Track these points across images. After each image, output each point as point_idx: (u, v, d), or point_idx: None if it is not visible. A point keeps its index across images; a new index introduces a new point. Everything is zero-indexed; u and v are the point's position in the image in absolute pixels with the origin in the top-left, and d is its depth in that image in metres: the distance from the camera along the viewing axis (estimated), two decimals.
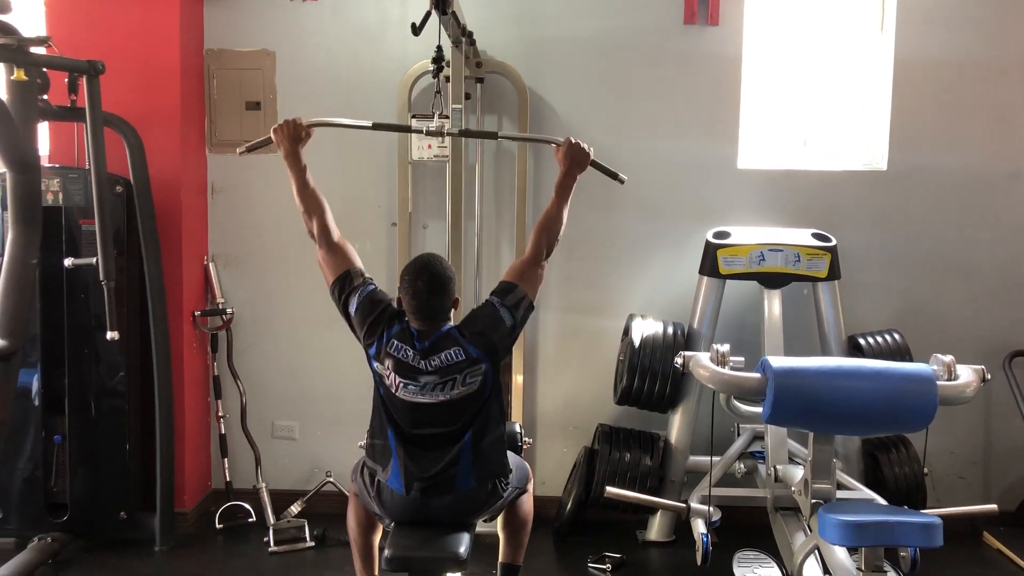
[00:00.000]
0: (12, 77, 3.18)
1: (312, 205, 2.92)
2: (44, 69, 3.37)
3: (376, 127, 3.21)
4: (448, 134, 3.20)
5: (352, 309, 2.81)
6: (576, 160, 2.97)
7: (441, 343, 2.72)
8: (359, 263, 2.90)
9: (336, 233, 2.92)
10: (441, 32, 3.25)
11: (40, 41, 3.27)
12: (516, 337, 2.83)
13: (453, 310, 2.81)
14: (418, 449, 2.75)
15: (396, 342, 2.72)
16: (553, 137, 3.10)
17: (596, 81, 4.15)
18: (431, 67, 3.24)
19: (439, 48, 3.16)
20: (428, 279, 2.73)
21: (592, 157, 3.01)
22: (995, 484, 4.23)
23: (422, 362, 2.70)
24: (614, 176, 3.11)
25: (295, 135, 2.95)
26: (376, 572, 3.01)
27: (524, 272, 2.86)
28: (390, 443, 2.76)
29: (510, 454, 2.99)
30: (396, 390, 2.72)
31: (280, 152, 2.97)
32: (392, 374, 2.72)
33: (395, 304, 2.83)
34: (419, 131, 3.15)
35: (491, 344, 2.74)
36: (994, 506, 3.29)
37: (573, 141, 2.98)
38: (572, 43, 4.13)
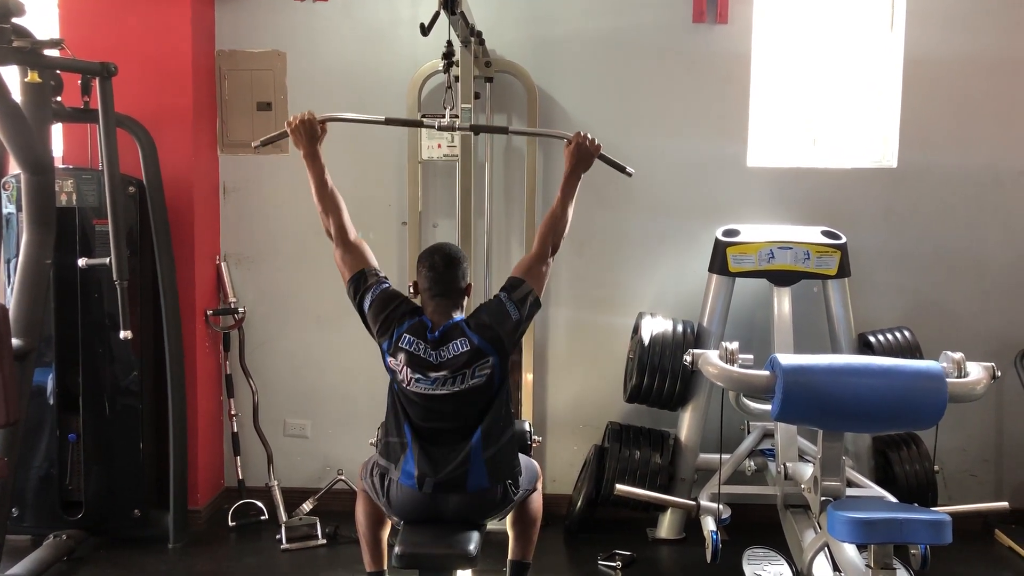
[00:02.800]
0: (26, 79, 3.21)
1: (330, 205, 2.96)
2: (58, 71, 3.40)
3: (389, 122, 3.24)
4: (459, 129, 3.21)
5: (366, 306, 2.85)
6: (582, 158, 2.99)
7: (450, 333, 2.76)
8: (375, 262, 2.94)
9: (353, 232, 2.97)
10: (450, 32, 3.27)
11: (53, 43, 3.30)
12: (522, 332, 2.86)
13: (466, 296, 2.88)
14: (431, 446, 2.77)
15: (408, 336, 2.76)
16: (563, 132, 3.12)
17: (605, 80, 4.16)
18: (441, 66, 3.25)
19: (449, 43, 3.18)
20: (443, 255, 2.85)
21: (600, 152, 3.02)
22: (1007, 481, 4.22)
23: (432, 353, 2.74)
24: (622, 169, 3.11)
25: (312, 133, 2.99)
26: (385, 567, 3.03)
27: (530, 268, 2.89)
28: (407, 438, 2.79)
29: (520, 455, 3.01)
30: (408, 384, 2.76)
31: (300, 152, 3.00)
32: (404, 368, 2.75)
33: (409, 299, 2.87)
34: (431, 126, 3.17)
35: (497, 336, 2.77)
36: (1005, 504, 3.29)
37: (581, 137, 2.99)
38: (581, 42, 4.14)
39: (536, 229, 4.05)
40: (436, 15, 3.08)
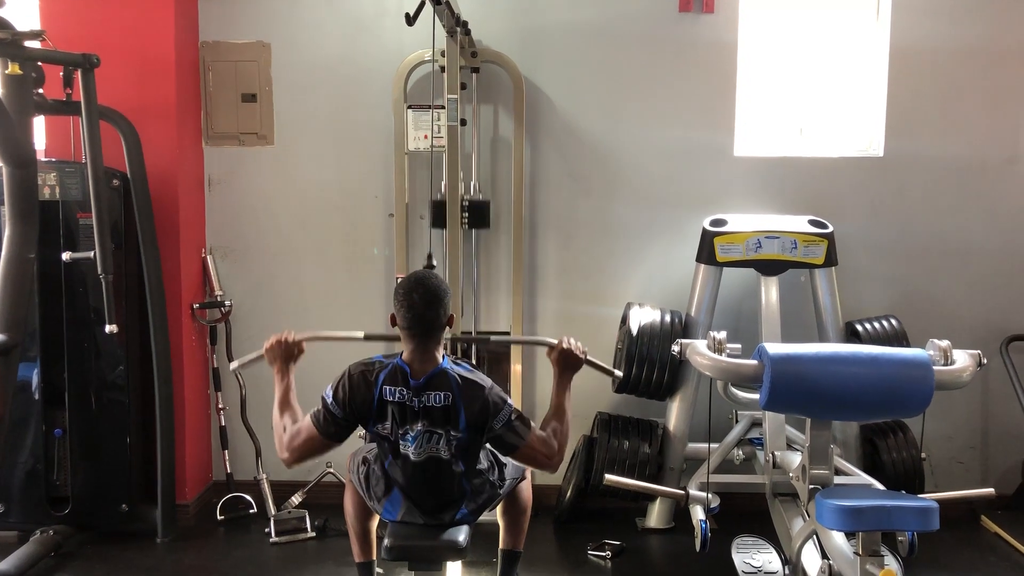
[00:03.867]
0: (7, 71, 3.18)
1: (289, 419, 2.82)
2: (39, 63, 3.37)
3: (368, 338, 3.13)
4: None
5: (338, 415, 2.69)
6: (569, 364, 2.87)
7: (435, 382, 2.66)
8: (309, 417, 2.75)
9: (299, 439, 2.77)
10: (436, 22, 3.25)
11: (35, 35, 3.27)
12: (485, 434, 2.71)
13: (448, 328, 2.76)
14: (417, 494, 2.75)
15: (388, 387, 2.66)
16: (546, 340, 2.98)
17: (592, 69, 4.15)
18: (427, 56, 3.23)
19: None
20: (423, 292, 2.68)
21: (587, 357, 2.90)
22: (993, 468, 4.25)
23: (415, 400, 2.65)
24: (610, 373, 3.11)
25: (288, 354, 2.92)
26: (374, 557, 3.03)
27: (535, 444, 2.73)
28: (392, 487, 2.77)
29: None
30: (396, 442, 2.70)
31: (273, 365, 2.93)
32: (392, 424, 2.67)
33: (356, 372, 2.72)
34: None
35: (481, 427, 2.68)
36: (991, 490, 3.30)
37: (565, 346, 2.86)
38: (567, 32, 4.12)
39: (523, 222, 4.11)
40: (421, 5, 3.06)
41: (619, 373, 3.10)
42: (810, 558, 2.99)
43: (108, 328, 3.42)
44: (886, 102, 4.11)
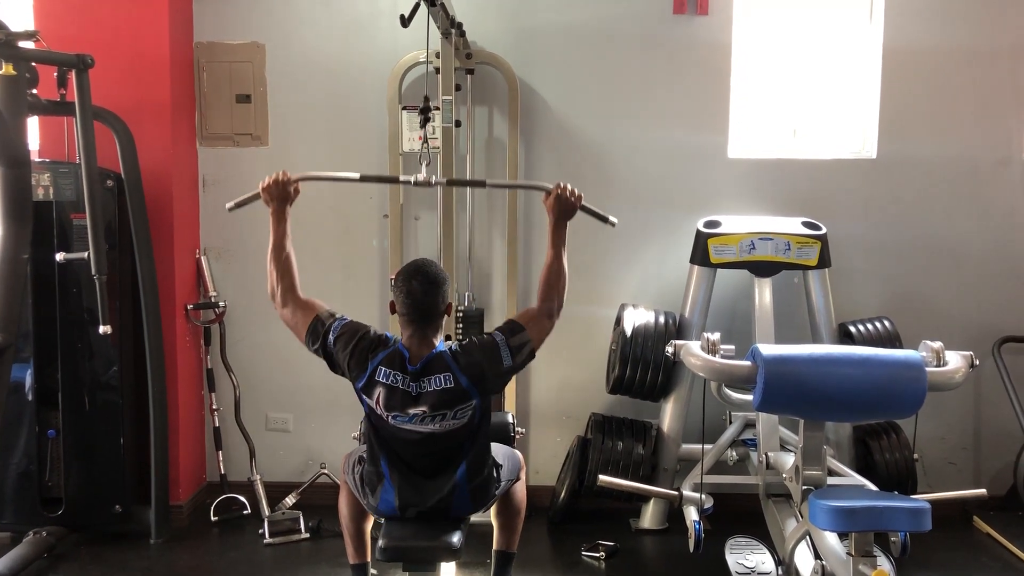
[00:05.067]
0: (0, 72, 3.17)
1: (285, 266, 2.86)
2: (33, 63, 3.36)
3: (364, 179, 3.19)
4: (436, 184, 3.14)
5: (331, 343, 2.74)
6: (564, 209, 2.87)
7: (432, 365, 2.68)
8: (326, 306, 2.84)
9: (302, 292, 2.87)
10: (430, 23, 3.26)
11: (28, 35, 3.26)
12: (509, 380, 2.77)
13: (446, 316, 2.78)
14: (413, 475, 2.75)
15: (384, 368, 2.68)
16: (542, 183, 2.99)
17: (586, 71, 4.15)
18: (422, 58, 3.24)
19: (426, 98, 3.17)
20: (422, 279, 2.72)
21: (582, 203, 2.91)
22: (985, 469, 4.27)
23: (412, 385, 2.66)
24: (604, 219, 3.04)
25: (284, 194, 2.93)
26: (368, 558, 3.02)
27: (534, 320, 2.79)
28: (383, 469, 2.76)
29: (501, 446, 3.01)
30: (385, 419, 2.71)
31: (269, 206, 2.94)
32: (381, 403, 2.69)
33: (373, 331, 2.76)
34: (407, 182, 3.07)
35: (483, 377, 2.69)
36: (983, 491, 3.32)
37: (560, 190, 2.87)
38: (562, 33, 4.13)
39: (518, 221, 4.12)
40: (416, 6, 3.06)
41: (614, 220, 3.01)
42: (803, 559, 3.00)
43: (102, 329, 3.41)
44: (879, 104, 4.12)
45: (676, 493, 3.49)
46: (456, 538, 2.70)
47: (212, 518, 4.08)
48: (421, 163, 3.40)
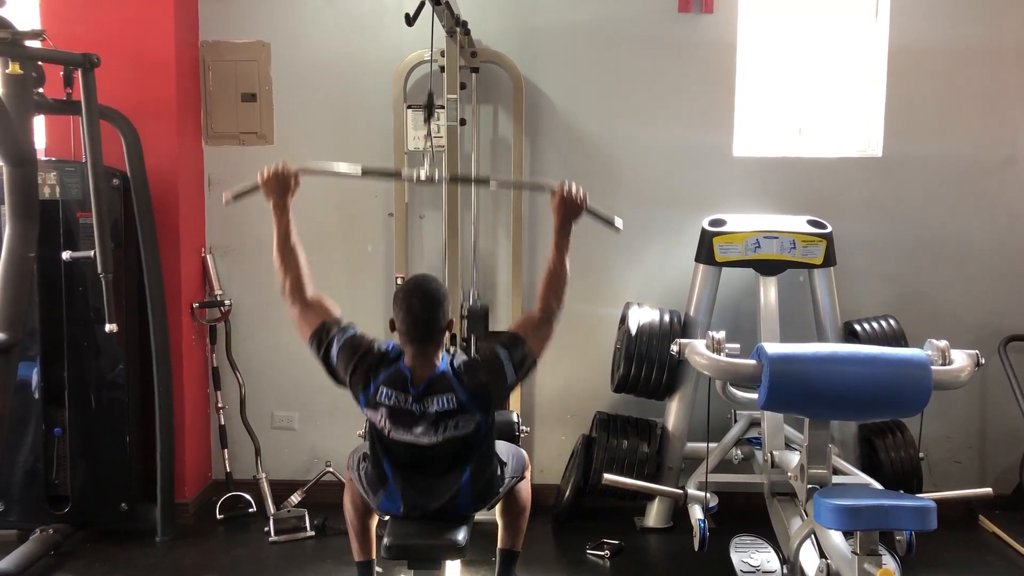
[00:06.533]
0: (7, 71, 3.18)
1: (291, 260, 2.81)
2: (39, 63, 3.37)
3: (366, 174, 3.14)
4: (439, 180, 3.12)
5: (333, 357, 2.71)
6: (569, 211, 2.80)
7: (435, 386, 2.66)
8: (336, 312, 2.80)
9: (311, 288, 2.83)
10: (435, 22, 3.26)
11: (35, 34, 3.28)
12: (511, 392, 2.73)
13: (447, 331, 2.76)
14: (418, 478, 2.75)
15: (386, 389, 2.66)
16: (547, 182, 2.92)
17: (591, 70, 4.15)
18: (427, 57, 3.24)
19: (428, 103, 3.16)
20: (422, 296, 2.70)
21: (587, 204, 2.84)
22: (990, 468, 4.26)
23: (415, 405, 2.65)
24: (610, 223, 2.97)
25: (284, 186, 2.84)
26: (373, 556, 3.03)
27: (534, 328, 2.76)
28: (386, 472, 2.76)
29: (506, 444, 3.01)
30: (388, 432, 2.71)
31: (269, 199, 2.86)
32: (385, 420, 2.69)
33: (376, 347, 2.72)
34: (409, 178, 3.06)
35: (487, 396, 2.68)
36: (989, 490, 3.31)
37: (565, 191, 2.79)
38: (567, 32, 4.13)
39: (523, 221, 4.12)
40: (421, 5, 3.07)
41: (620, 223, 2.93)
42: (808, 557, 2.99)
43: (108, 327, 3.42)
44: (885, 102, 4.11)
45: (681, 492, 3.48)
46: (461, 536, 2.70)
47: (217, 516, 4.09)
48: (424, 159, 3.38)
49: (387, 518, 2.84)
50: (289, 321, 2.98)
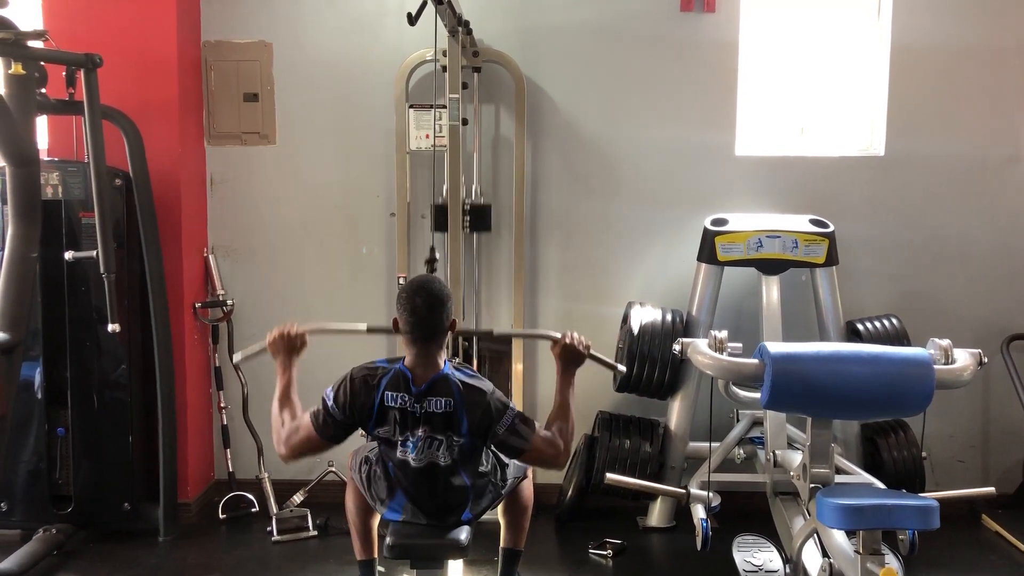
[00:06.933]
0: (10, 71, 3.18)
1: (288, 413, 2.80)
2: (42, 63, 3.37)
3: (370, 331, 3.12)
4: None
5: (338, 417, 2.70)
6: (572, 358, 2.84)
7: (437, 386, 2.67)
8: (309, 411, 2.76)
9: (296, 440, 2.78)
10: (437, 22, 3.26)
11: (37, 35, 3.27)
12: (486, 434, 2.69)
13: (450, 332, 2.77)
14: (422, 494, 2.75)
15: (391, 392, 2.67)
16: (549, 333, 2.93)
17: (593, 69, 4.15)
18: (429, 57, 3.24)
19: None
20: (426, 296, 2.70)
21: (590, 352, 2.88)
22: (993, 467, 4.26)
23: (416, 406, 2.66)
24: (613, 368, 3.10)
25: (291, 347, 2.87)
26: (376, 555, 3.03)
27: (544, 443, 2.71)
28: (394, 484, 2.76)
29: None
30: (394, 449, 2.72)
31: (276, 358, 2.88)
32: (394, 427, 2.69)
33: (357, 377, 2.72)
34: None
35: (484, 433, 2.69)
36: (992, 489, 3.31)
37: (568, 340, 2.83)
38: (568, 31, 4.13)
39: (524, 221, 4.12)
40: (423, 4, 3.07)
41: (622, 368, 3.07)
42: (811, 557, 2.99)
43: (110, 327, 3.42)
44: (887, 101, 4.11)
45: (683, 491, 3.49)
46: (464, 536, 2.70)
47: (220, 516, 4.09)
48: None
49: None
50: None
